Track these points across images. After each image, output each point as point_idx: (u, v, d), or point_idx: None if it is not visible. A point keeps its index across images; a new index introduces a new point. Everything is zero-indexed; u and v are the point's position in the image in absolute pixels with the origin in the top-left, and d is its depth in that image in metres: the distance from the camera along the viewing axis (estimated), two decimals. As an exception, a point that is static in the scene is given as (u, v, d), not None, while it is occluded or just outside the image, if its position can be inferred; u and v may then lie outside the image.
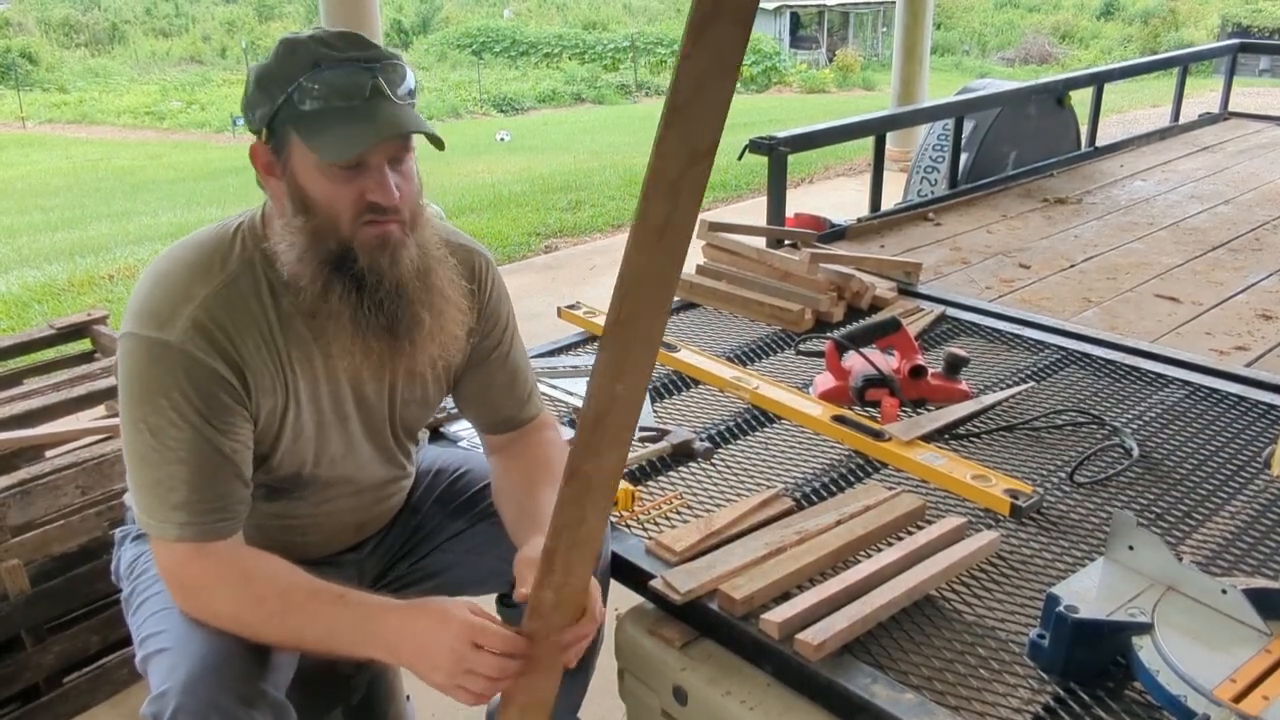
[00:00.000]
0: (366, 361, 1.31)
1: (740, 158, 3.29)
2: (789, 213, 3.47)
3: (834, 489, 1.76)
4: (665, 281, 1.01)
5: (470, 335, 1.44)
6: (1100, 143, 4.67)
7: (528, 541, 1.34)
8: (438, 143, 1.27)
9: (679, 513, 1.70)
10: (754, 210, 6.62)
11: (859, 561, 1.51)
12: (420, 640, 1.21)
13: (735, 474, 1.82)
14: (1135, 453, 1.85)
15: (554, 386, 2.14)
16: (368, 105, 1.21)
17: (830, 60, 24.51)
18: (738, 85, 0.94)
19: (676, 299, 2.72)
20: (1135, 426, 1.98)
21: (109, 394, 2.44)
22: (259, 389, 1.28)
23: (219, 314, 1.24)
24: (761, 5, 25.65)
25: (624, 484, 1.71)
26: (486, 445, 1.60)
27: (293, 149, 1.23)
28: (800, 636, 1.32)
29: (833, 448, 1.91)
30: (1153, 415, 2.04)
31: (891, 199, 4.17)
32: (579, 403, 2.08)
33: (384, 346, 1.30)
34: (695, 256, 2.84)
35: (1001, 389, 2.14)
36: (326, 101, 1.20)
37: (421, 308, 1.31)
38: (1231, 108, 5.48)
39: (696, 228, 3.02)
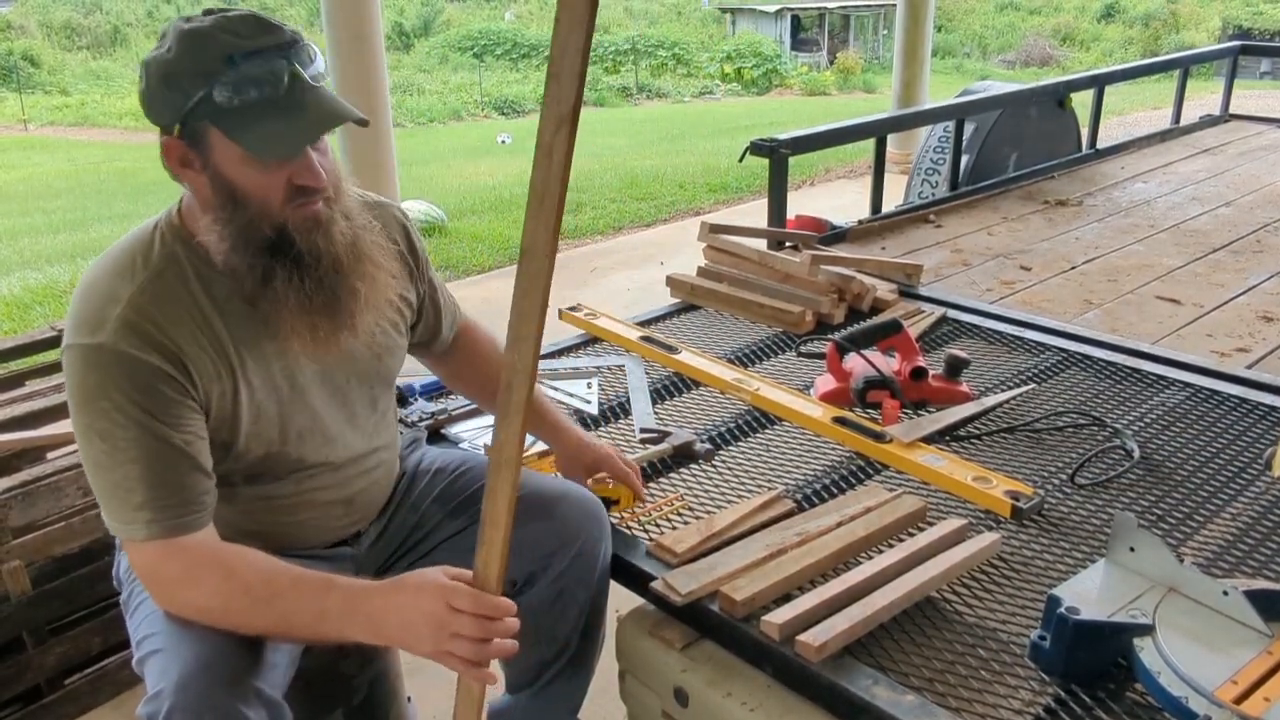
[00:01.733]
0: (314, 340, 1.33)
1: (741, 159, 3.29)
2: (790, 215, 3.47)
3: (835, 491, 1.76)
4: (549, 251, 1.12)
5: (417, 284, 1.56)
6: (1101, 145, 4.66)
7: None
8: (364, 123, 1.28)
9: (680, 514, 1.70)
10: (755, 212, 6.62)
11: (860, 563, 1.51)
12: (402, 614, 1.22)
13: (736, 476, 1.82)
14: (1136, 454, 1.85)
15: (554, 388, 2.14)
16: (289, 95, 1.21)
17: (831, 63, 24.49)
18: (740, 87, 0.96)
19: (678, 300, 2.72)
20: (1136, 428, 1.98)
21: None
22: (202, 376, 1.28)
23: (148, 309, 1.24)
24: (763, 8, 25.81)
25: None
26: (429, 364, 1.73)
27: (213, 144, 1.23)
28: (801, 638, 1.32)
29: (834, 449, 1.92)
30: (1154, 417, 2.04)
31: (892, 201, 4.16)
32: (580, 404, 2.08)
33: (329, 324, 1.32)
34: (696, 258, 2.85)
35: (1002, 391, 2.14)
36: (246, 95, 1.20)
37: (356, 279, 1.33)
38: (1232, 110, 5.48)
39: (698, 230, 3.03)
